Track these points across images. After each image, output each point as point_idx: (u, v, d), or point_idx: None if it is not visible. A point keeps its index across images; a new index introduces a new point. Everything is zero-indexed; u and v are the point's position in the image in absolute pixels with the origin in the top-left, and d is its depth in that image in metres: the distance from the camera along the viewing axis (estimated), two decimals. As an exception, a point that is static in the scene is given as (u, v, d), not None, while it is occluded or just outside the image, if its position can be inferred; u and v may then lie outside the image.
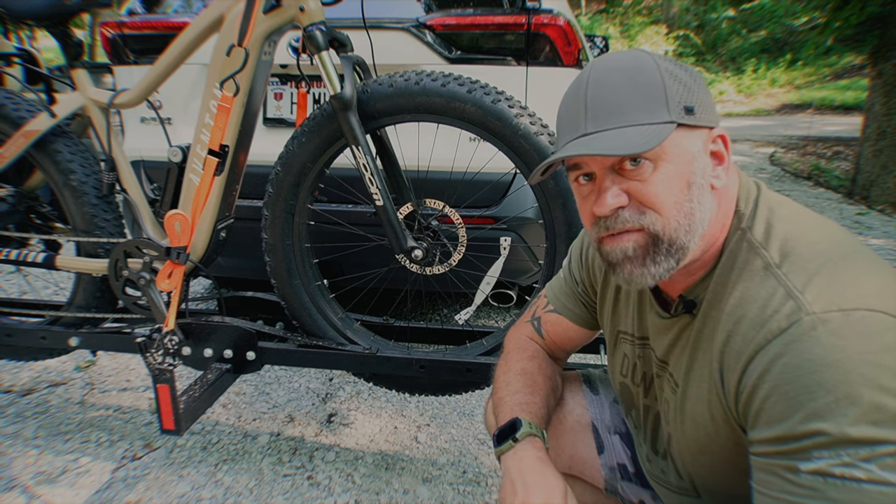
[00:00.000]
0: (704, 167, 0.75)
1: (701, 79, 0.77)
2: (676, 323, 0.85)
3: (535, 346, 1.16)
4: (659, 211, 0.74)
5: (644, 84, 0.73)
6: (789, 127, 10.65)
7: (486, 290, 1.68)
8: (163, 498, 1.64)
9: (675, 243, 0.75)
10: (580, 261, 1.11)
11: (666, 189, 0.73)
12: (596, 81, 0.76)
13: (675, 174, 0.73)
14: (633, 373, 0.99)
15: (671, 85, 0.73)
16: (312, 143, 1.51)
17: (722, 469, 0.82)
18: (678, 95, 0.73)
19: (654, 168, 0.73)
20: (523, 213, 1.96)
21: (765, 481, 0.67)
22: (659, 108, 0.72)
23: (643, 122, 0.72)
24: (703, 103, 0.75)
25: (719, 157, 0.78)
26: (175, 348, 1.55)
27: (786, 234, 0.74)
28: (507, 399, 1.04)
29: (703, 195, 0.75)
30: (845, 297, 0.65)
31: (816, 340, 0.63)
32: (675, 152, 0.73)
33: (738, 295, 0.74)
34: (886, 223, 4.55)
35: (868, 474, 0.59)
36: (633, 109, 0.73)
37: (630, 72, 0.75)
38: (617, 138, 0.72)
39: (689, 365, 0.83)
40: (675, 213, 0.74)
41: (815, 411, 0.62)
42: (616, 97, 0.74)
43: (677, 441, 0.88)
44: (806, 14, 14.90)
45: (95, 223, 1.68)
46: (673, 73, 0.75)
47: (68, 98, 1.62)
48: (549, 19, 1.94)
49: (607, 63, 0.77)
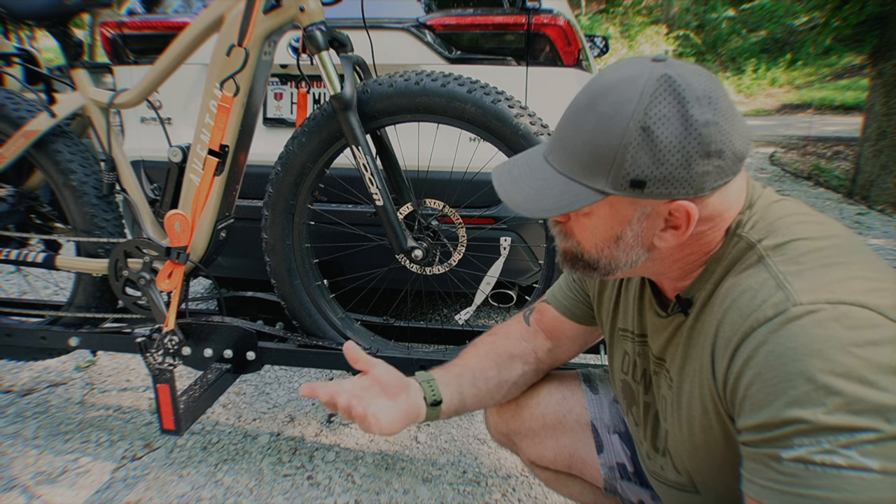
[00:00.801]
0: (643, 230, 0.74)
1: (707, 139, 0.67)
2: (672, 322, 0.86)
3: (507, 328, 1.18)
4: (580, 244, 0.79)
5: (602, 144, 0.68)
6: (789, 127, 10.66)
7: (486, 290, 1.68)
8: (163, 498, 1.64)
9: (599, 264, 0.79)
10: None
11: (587, 235, 0.77)
12: (576, 109, 0.73)
13: (601, 228, 0.76)
14: (633, 370, 1.00)
15: (633, 154, 0.67)
16: (312, 143, 1.51)
17: (718, 464, 0.82)
18: (632, 166, 0.67)
19: (577, 216, 0.77)
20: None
21: (752, 469, 0.68)
22: (599, 174, 0.69)
23: (577, 180, 0.72)
24: (671, 178, 0.68)
25: (675, 227, 0.73)
26: (175, 348, 1.55)
27: (782, 230, 0.75)
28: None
29: (633, 249, 0.76)
30: (834, 290, 0.66)
31: (801, 330, 0.64)
32: (604, 212, 0.74)
33: (730, 285, 0.75)
34: (886, 223, 4.55)
35: (848, 460, 0.59)
36: (576, 163, 0.72)
37: (601, 121, 0.69)
38: (540, 188, 0.75)
39: (683, 360, 0.84)
40: (596, 253, 0.78)
41: (794, 399, 0.62)
42: (573, 141, 0.72)
43: (674, 437, 0.88)
44: (806, 14, 14.90)
45: (95, 223, 1.68)
46: (652, 134, 0.66)
47: (68, 98, 1.62)
48: (549, 19, 1.94)
49: (594, 94, 0.71)
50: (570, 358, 1.21)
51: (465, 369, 1.07)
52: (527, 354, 1.14)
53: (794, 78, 15.74)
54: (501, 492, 1.67)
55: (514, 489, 1.68)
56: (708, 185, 0.69)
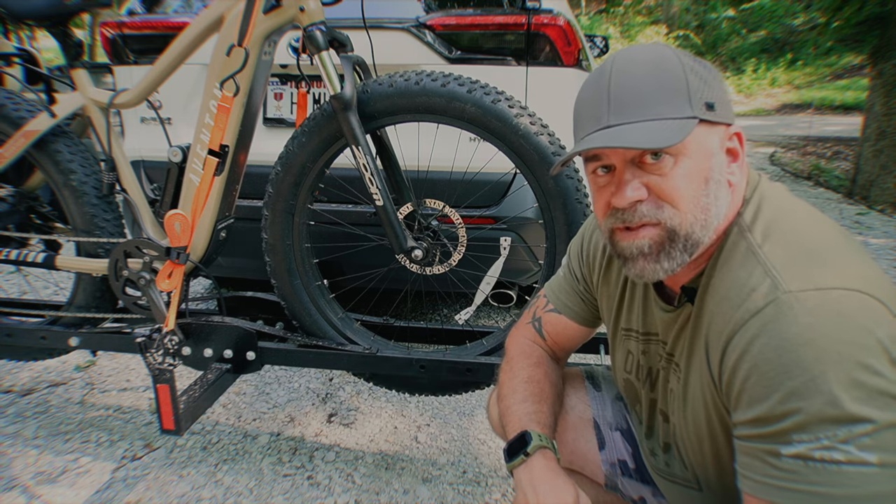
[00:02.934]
0: (721, 163, 0.76)
1: (719, 75, 0.78)
2: (681, 314, 0.86)
3: (540, 350, 1.16)
4: (677, 206, 0.74)
5: (668, 78, 0.73)
6: (789, 127, 10.65)
7: (486, 290, 1.68)
8: (163, 498, 1.64)
9: (691, 238, 0.75)
10: (580, 257, 1.11)
11: (685, 184, 0.74)
12: (619, 73, 0.75)
13: (695, 170, 0.74)
14: (637, 369, 1.00)
15: (693, 80, 0.74)
16: (312, 143, 1.51)
17: (720, 457, 0.83)
18: (700, 91, 0.74)
19: (675, 163, 0.73)
20: (523, 213, 1.96)
21: (748, 465, 0.68)
22: (682, 102, 0.73)
23: (667, 117, 0.72)
24: (721, 100, 0.75)
25: (734, 154, 0.78)
26: (175, 348, 1.55)
27: (772, 219, 0.75)
28: (515, 408, 1.04)
29: (719, 191, 0.75)
30: (823, 276, 0.66)
31: (793, 319, 0.64)
32: (695, 148, 0.74)
33: (722, 276, 0.75)
34: (886, 223, 4.55)
35: (847, 456, 0.60)
36: (656, 103, 0.73)
37: (653, 65, 0.74)
38: (641, 132, 0.72)
39: (689, 352, 0.84)
40: (693, 209, 0.74)
41: (792, 390, 0.62)
42: (640, 90, 0.74)
43: (680, 430, 0.88)
44: (805, 14, 14.90)
45: (95, 223, 1.68)
46: (693, 69, 0.75)
47: (68, 98, 1.62)
48: (549, 19, 1.94)
49: (630, 55, 0.77)
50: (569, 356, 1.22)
51: (552, 415, 1.06)
52: (559, 371, 1.18)
53: (794, 78, 15.72)
54: (501, 492, 1.67)
55: (514, 489, 1.67)
56: (732, 115, 0.78)
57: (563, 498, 0.86)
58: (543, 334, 1.16)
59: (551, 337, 1.16)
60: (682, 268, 0.77)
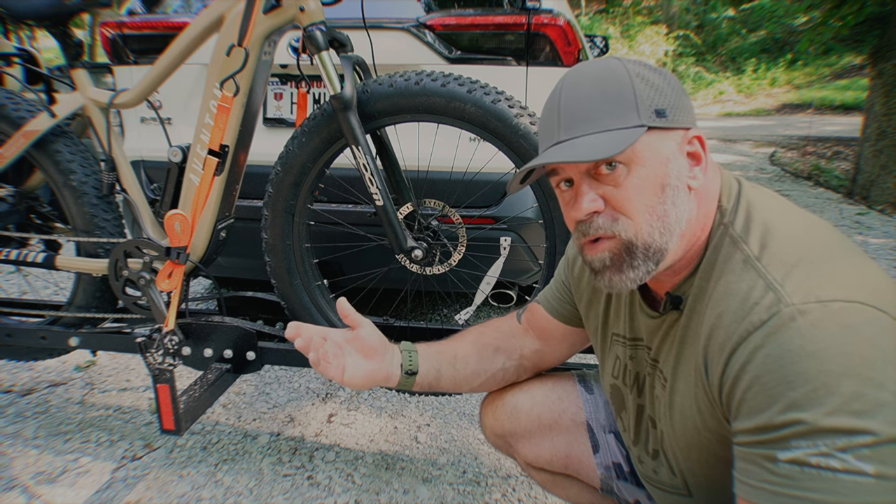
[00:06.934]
0: (680, 168, 0.76)
1: (676, 81, 0.78)
2: (665, 320, 0.86)
3: (499, 322, 1.19)
4: (631, 217, 0.75)
5: (614, 90, 0.75)
6: (789, 127, 10.65)
7: (486, 290, 1.68)
8: (163, 498, 1.64)
9: (651, 247, 0.76)
10: (566, 263, 1.13)
11: (637, 194, 0.75)
12: (568, 89, 0.78)
13: (649, 177, 0.74)
14: (624, 374, 1.00)
15: (641, 89, 0.74)
16: (312, 143, 1.51)
17: (711, 464, 0.82)
18: (649, 99, 0.74)
19: (629, 172, 0.74)
20: (523, 213, 1.96)
21: (745, 470, 0.68)
22: (629, 112, 0.73)
23: (613, 128, 0.73)
24: (676, 105, 0.76)
25: (696, 158, 0.78)
26: (175, 348, 1.55)
27: (765, 227, 0.75)
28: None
29: (678, 196, 0.76)
30: (824, 288, 0.66)
31: (796, 331, 0.64)
32: (648, 155, 0.74)
33: (721, 289, 0.75)
34: (886, 223, 4.55)
35: (844, 464, 0.59)
36: (602, 116, 0.74)
37: (599, 79, 0.76)
38: (587, 145, 0.73)
39: (676, 360, 0.84)
40: (648, 217, 0.75)
41: (794, 401, 0.62)
42: (586, 105, 0.75)
43: (668, 437, 0.88)
44: (804, 14, 14.90)
45: (95, 223, 1.68)
46: (644, 77, 0.75)
47: (68, 98, 1.62)
48: (549, 19, 1.94)
49: (578, 71, 0.79)
50: (558, 362, 1.21)
51: (448, 350, 1.12)
52: (511, 350, 1.16)
53: (794, 78, 15.73)
54: (501, 492, 1.67)
55: (513, 489, 1.68)
56: (691, 119, 0.78)
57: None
58: (521, 319, 1.18)
59: (528, 323, 1.18)
60: (654, 274, 0.78)
